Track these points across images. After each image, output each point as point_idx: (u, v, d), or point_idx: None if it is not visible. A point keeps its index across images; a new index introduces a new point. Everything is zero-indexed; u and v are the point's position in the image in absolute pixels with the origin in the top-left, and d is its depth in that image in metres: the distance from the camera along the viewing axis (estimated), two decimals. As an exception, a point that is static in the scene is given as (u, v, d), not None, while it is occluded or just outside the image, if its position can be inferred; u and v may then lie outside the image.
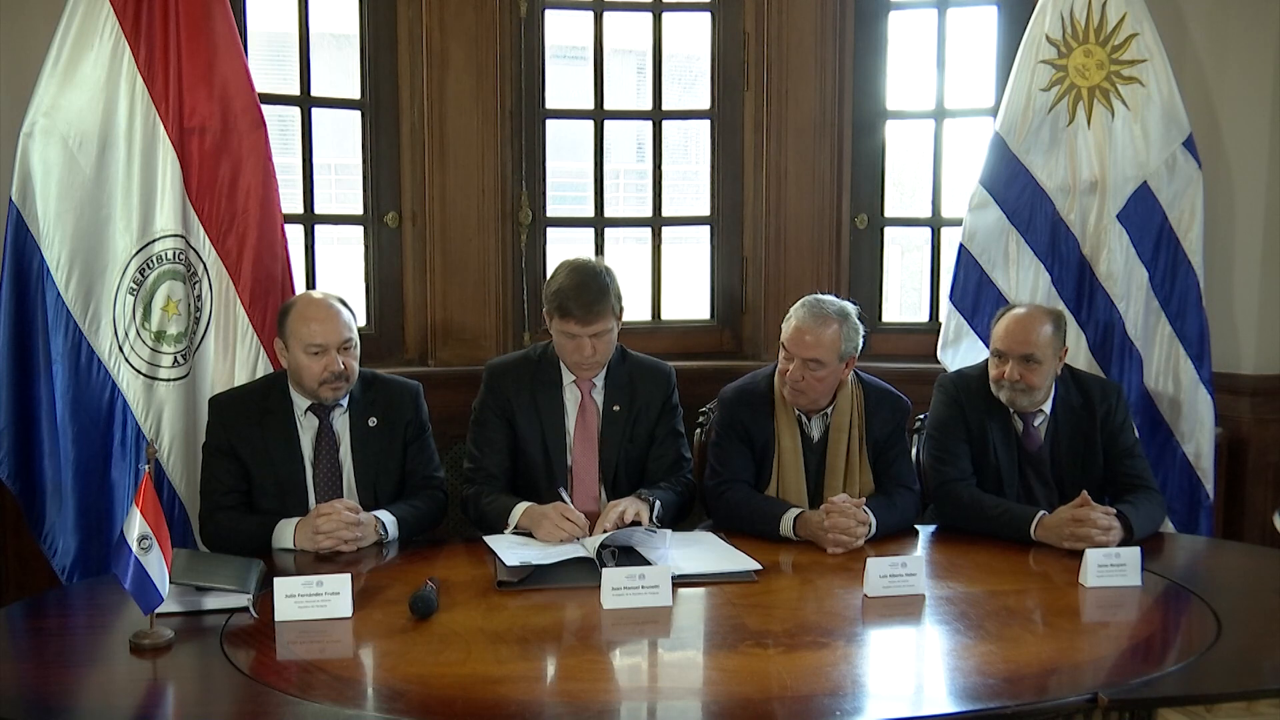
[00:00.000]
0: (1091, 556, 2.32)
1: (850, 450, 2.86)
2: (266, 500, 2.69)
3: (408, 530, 2.69)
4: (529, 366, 2.93)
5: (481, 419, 2.94)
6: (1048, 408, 2.93)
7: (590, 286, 2.78)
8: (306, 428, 2.74)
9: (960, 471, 2.88)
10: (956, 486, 2.85)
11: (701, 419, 3.22)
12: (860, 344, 2.85)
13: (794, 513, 2.70)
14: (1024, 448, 2.92)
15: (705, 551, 2.54)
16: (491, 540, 2.58)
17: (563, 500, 2.66)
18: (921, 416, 3.17)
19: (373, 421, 2.78)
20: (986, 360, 2.99)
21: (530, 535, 2.60)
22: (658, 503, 2.72)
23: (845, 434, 2.85)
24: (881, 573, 2.25)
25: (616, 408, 2.90)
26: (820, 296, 2.87)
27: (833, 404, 2.87)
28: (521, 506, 2.69)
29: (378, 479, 2.76)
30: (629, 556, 2.44)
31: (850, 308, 2.85)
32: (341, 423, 2.76)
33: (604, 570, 2.20)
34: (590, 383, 2.91)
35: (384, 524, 2.64)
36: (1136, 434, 3.03)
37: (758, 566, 2.42)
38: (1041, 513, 2.68)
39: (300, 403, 2.74)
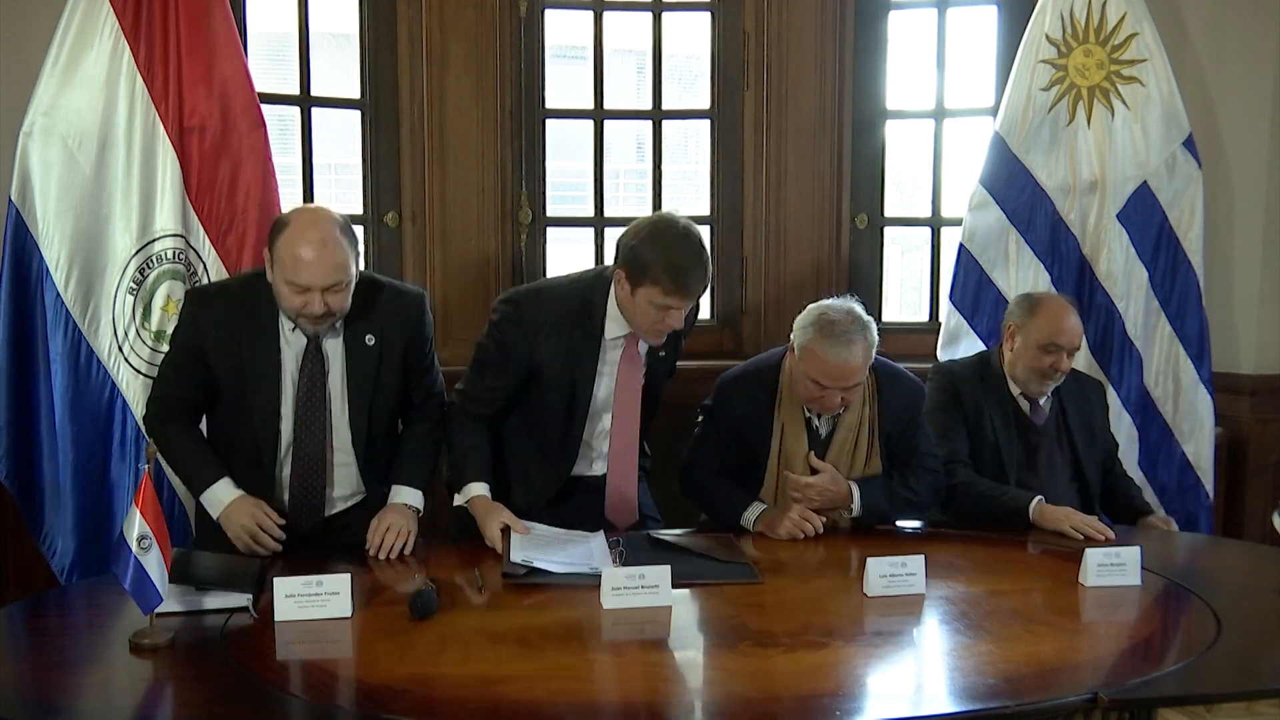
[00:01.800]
0: (1091, 556, 2.32)
1: (858, 444, 2.77)
2: (232, 421, 2.50)
3: (427, 478, 2.64)
4: (573, 311, 2.66)
5: (483, 361, 2.69)
6: (1049, 388, 3.02)
7: (701, 259, 2.52)
8: (291, 343, 2.48)
9: (955, 453, 2.92)
10: (953, 467, 2.89)
11: (699, 415, 3.18)
12: (876, 338, 2.68)
13: (758, 508, 2.70)
14: (1032, 425, 2.99)
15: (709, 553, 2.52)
16: (514, 538, 2.48)
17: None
18: None
19: (370, 339, 2.52)
20: (978, 354, 3.16)
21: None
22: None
23: (853, 431, 2.76)
24: (881, 573, 2.25)
25: (663, 354, 2.77)
26: (831, 315, 2.63)
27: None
28: (477, 489, 2.60)
29: (372, 405, 2.54)
30: (636, 555, 2.44)
31: (858, 309, 2.68)
32: (333, 344, 2.51)
33: (604, 570, 2.19)
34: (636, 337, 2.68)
35: (416, 509, 2.57)
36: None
37: (758, 580, 2.39)
38: (1039, 497, 2.76)
39: (286, 315, 2.47)
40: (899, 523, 2.82)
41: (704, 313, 3.97)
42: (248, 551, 2.40)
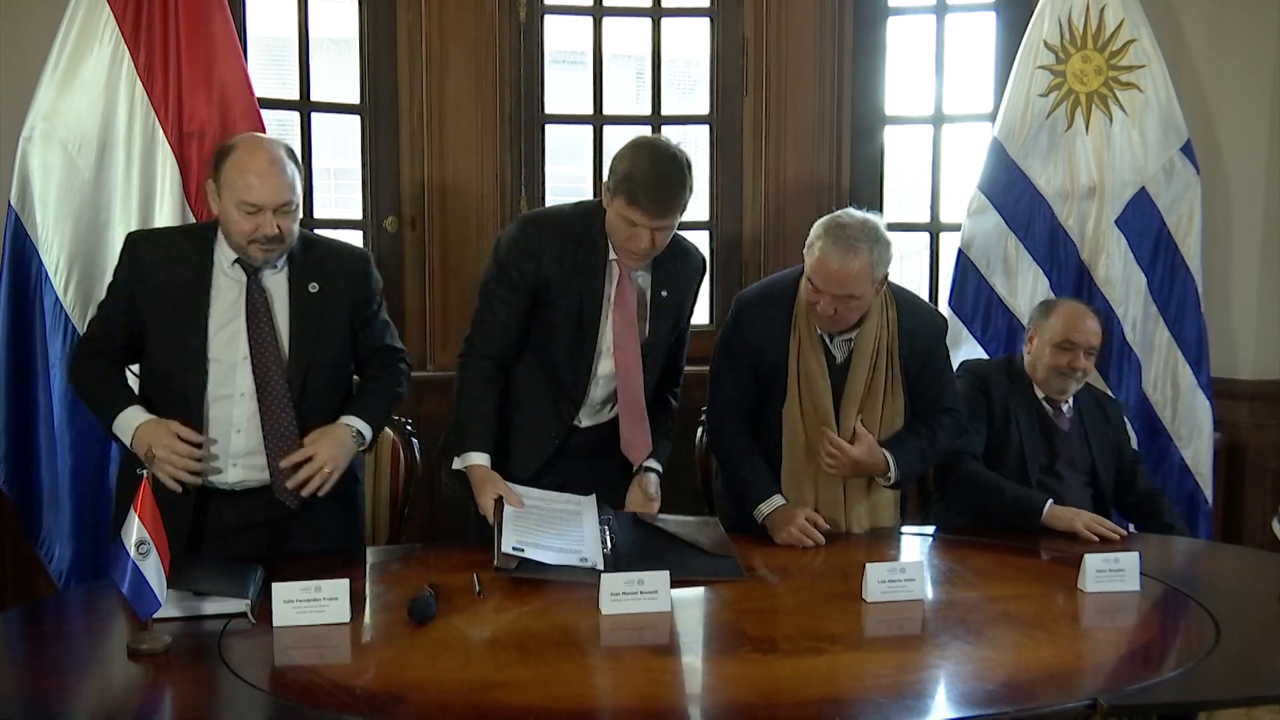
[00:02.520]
0: (1090, 562, 2.32)
1: (876, 374, 2.69)
2: (161, 359, 2.42)
3: (382, 420, 2.56)
4: (574, 228, 2.59)
5: (489, 290, 2.61)
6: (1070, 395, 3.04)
7: (672, 179, 2.45)
8: (233, 281, 2.42)
9: (970, 446, 2.91)
10: (965, 459, 2.89)
11: (704, 417, 3.17)
12: (891, 258, 2.63)
13: (774, 504, 2.65)
14: (1056, 429, 3.00)
15: (696, 544, 2.50)
16: (507, 514, 2.43)
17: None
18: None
19: (314, 287, 2.46)
20: (1004, 356, 3.24)
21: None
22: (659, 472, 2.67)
23: (869, 359, 2.67)
24: (880, 578, 2.24)
25: (665, 294, 2.64)
26: (844, 219, 2.60)
27: (859, 326, 2.69)
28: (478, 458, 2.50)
29: (315, 351, 2.46)
30: (624, 536, 2.44)
31: (876, 222, 2.61)
32: (276, 282, 2.45)
33: (603, 575, 2.19)
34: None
35: (359, 432, 2.46)
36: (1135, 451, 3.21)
37: (742, 577, 2.38)
38: (1051, 500, 2.77)
39: (227, 254, 2.42)
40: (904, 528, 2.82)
41: (704, 318, 3.99)
42: (167, 480, 2.29)
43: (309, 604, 2.07)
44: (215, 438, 2.41)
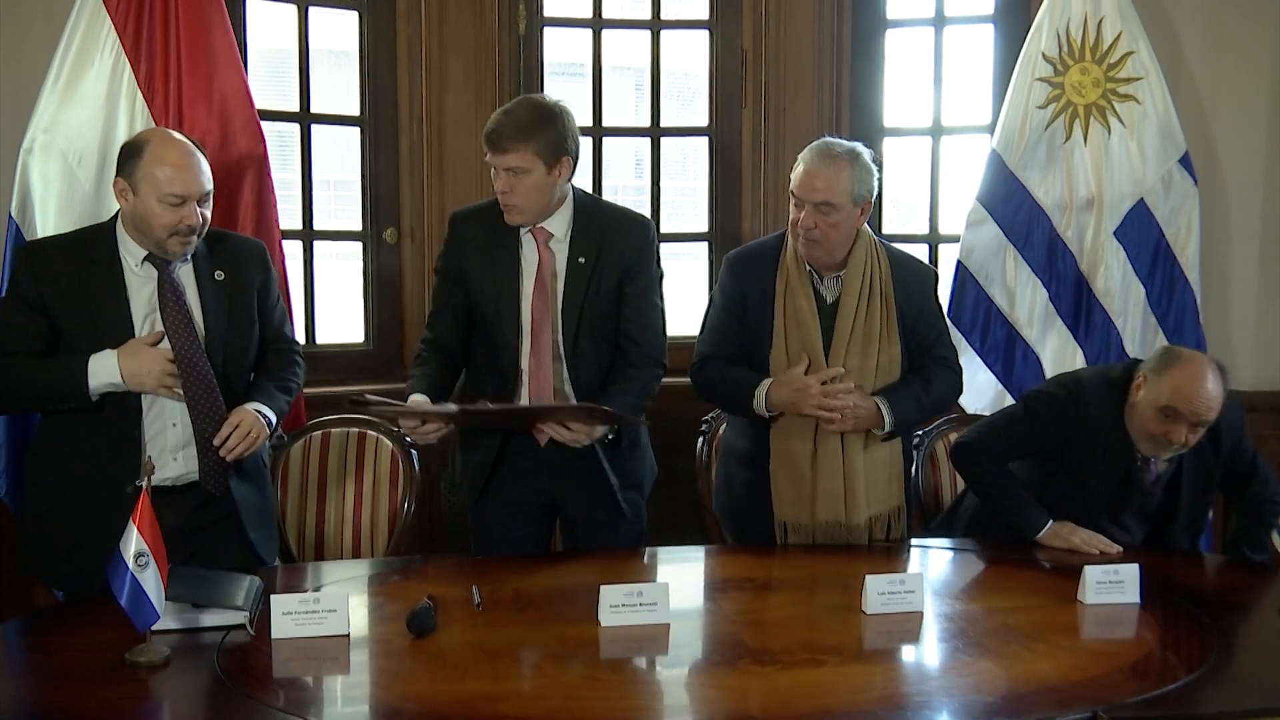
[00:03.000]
0: (1090, 573, 2.31)
1: (870, 314, 2.65)
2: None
3: (283, 412, 2.56)
4: (491, 212, 2.64)
5: (437, 279, 2.74)
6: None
7: (510, 113, 2.53)
8: (145, 279, 2.43)
9: (998, 453, 2.76)
10: (982, 468, 2.78)
11: (705, 426, 3.16)
12: (875, 189, 2.65)
13: (765, 384, 2.60)
14: (1137, 483, 2.73)
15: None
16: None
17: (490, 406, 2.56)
18: None
19: (220, 275, 2.50)
20: (1121, 372, 2.76)
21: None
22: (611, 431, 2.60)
23: (857, 297, 2.64)
24: (880, 590, 2.24)
25: (582, 260, 2.61)
26: (829, 139, 2.68)
27: (846, 265, 2.67)
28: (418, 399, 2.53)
29: (229, 336, 2.49)
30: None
31: (862, 148, 2.64)
32: (185, 273, 2.47)
33: (602, 588, 2.18)
34: (544, 231, 2.62)
35: (269, 419, 2.47)
36: (1254, 451, 2.85)
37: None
38: (1051, 522, 2.67)
39: (135, 252, 2.42)
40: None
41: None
42: (170, 395, 2.35)
43: (308, 616, 2.07)
44: (152, 435, 2.43)
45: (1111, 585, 2.31)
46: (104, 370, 2.32)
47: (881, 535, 2.74)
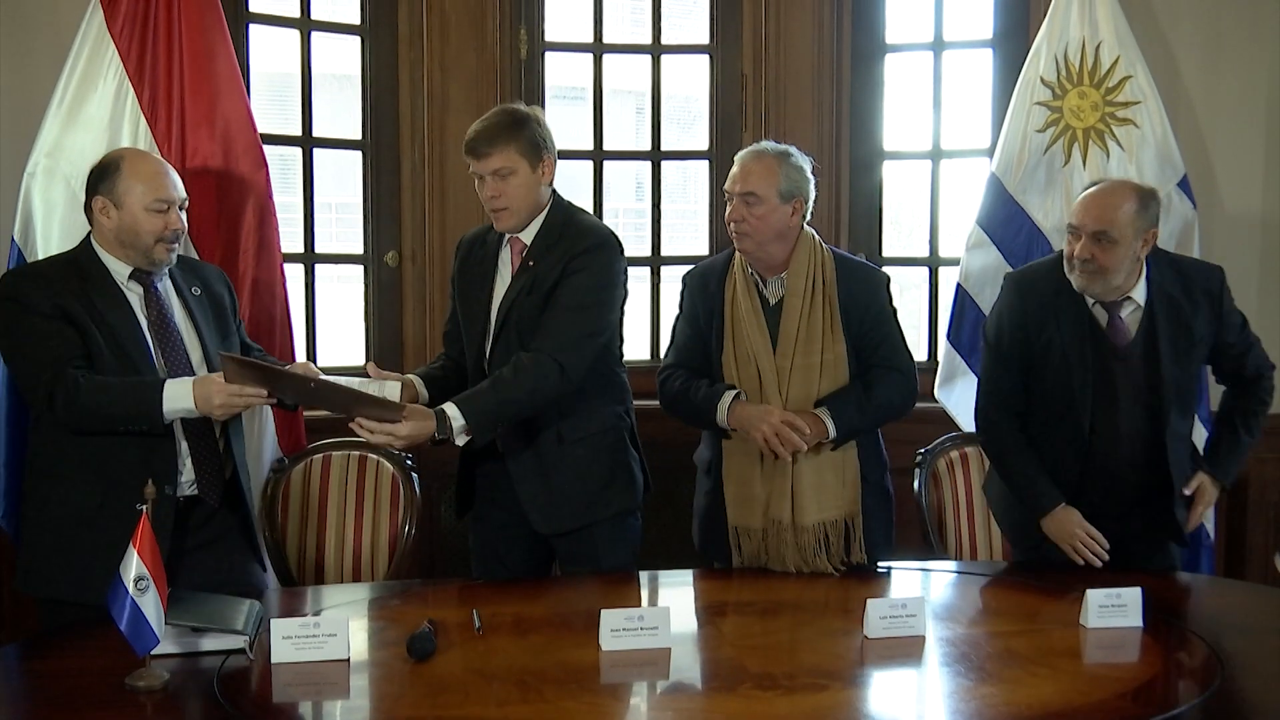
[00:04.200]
0: (1092, 597, 2.30)
1: (812, 312, 2.67)
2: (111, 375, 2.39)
3: None
4: (486, 232, 2.78)
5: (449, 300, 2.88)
6: (1140, 297, 2.64)
7: (493, 121, 2.61)
8: (134, 293, 2.46)
9: (999, 400, 2.75)
10: (998, 428, 2.77)
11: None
12: (810, 192, 2.71)
13: (728, 398, 2.63)
14: (1109, 343, 2.64)
15: None
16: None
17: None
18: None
19: (196, 290, 2.56)
20: (1057, 254, 2.75)
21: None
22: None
23: (801, 298, 2.67)
24: (881, 614, 2.23)
25: (531, 263, 2.65)
26: (769, 141, 2.79)
27: (788, 267, 2.71)
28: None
29: (221, 346, 2.53)
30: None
31: (795, 150, 2.72)
32: (166, 287, 2.52)
33: (603, 612, 2.17)
34: (519, 241, 2.68)
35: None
36: (1240, 315, 2.77)
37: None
38: (1060, 506, 2.66)
39: (120, 270, 2.45)
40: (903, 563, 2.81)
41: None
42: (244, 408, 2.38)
43: (308, 640, 2.06)
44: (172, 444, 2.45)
45: (1114, 609, 2.30)
46: (179, 395, 2.32)
47: (838, 540, 2.67)
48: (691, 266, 2.93)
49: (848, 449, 2.71)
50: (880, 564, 2.74)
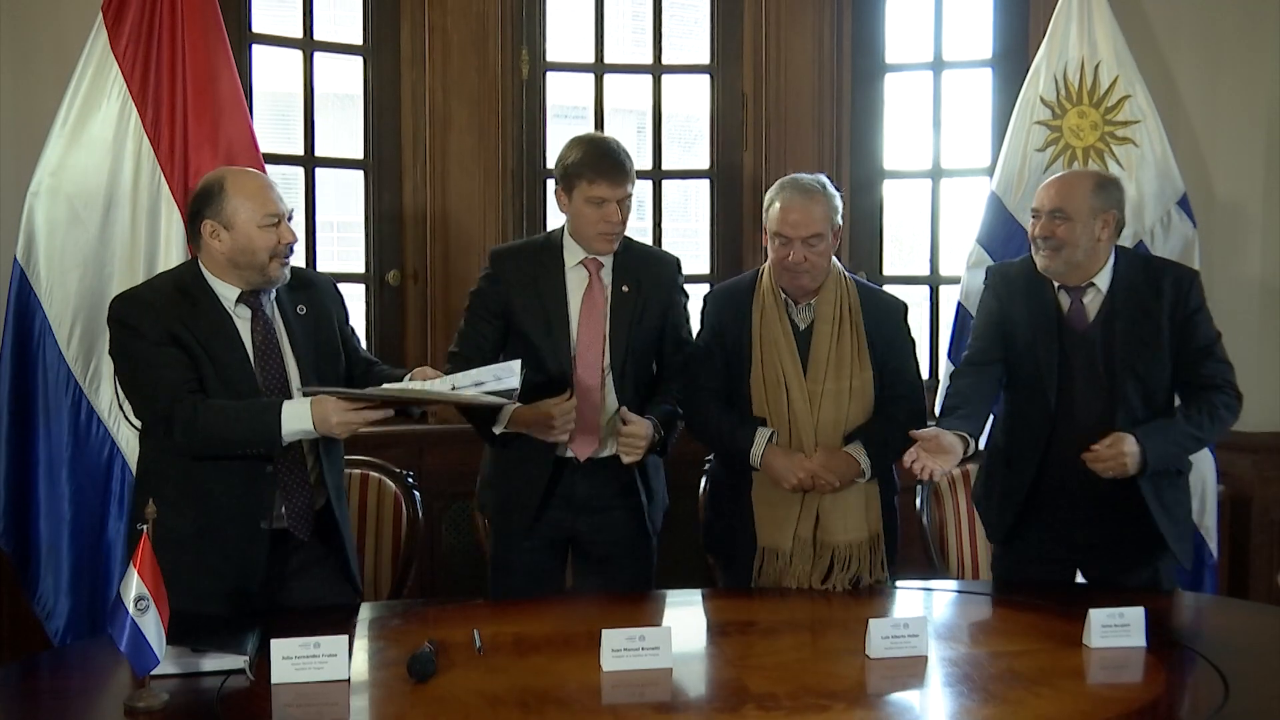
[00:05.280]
0: (1095, 617, 2.30)
1: (841, 338, 2.74)
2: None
3: None
4: (533, 249, 2.83)
5: (471, 313, 2.82)
6: (1103, 284, 2.71)
7: (617, 150, 2.72)
8: (244, 319, 2.44)
9: (959, 400, 2.75)
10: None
11: (707, 465, 3.17)
12: (841, 210, 2.79)
13: (761, 441, 2.68)
14: (1069, 327, 2.71)
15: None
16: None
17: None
18: None
19: (301, 309, 2.52)
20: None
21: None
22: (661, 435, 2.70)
23: (830, 323, 2.74)
24: (884, 634, 2.22)
25: (625, 288, 2.77)
26: (798, 176, 2.81)
27: (818, 293, 2.78)
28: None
29: (320, 365, 2.50)
30: None
31: (827, 180, 2.79)
32: (272, 310, 2.48)
33: (604, 632, 2.17)
34: (598, 262, 2.77)
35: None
36: (1214, 329, 2.75)
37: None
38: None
39: (229, 293, 2.43)
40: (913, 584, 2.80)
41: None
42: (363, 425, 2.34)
43: (308, 660, 2.05)
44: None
45: (1117, 629, 2.29)
46: (298, 416, 2.31)
47: (862, 561, 2.72)
48: (695, 282, 2.98)
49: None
50: (881, 583, 2.74)
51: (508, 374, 2.42)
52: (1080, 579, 2.84)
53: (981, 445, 2.82)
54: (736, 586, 2.82)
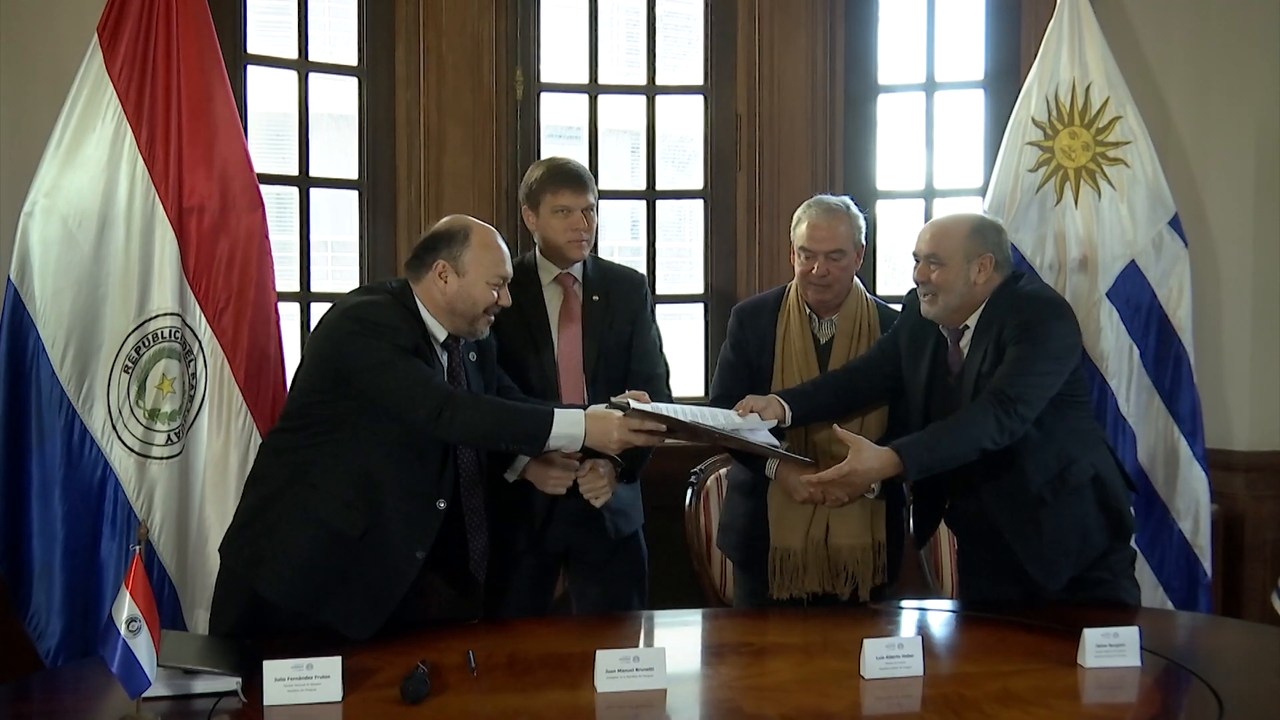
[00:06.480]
0: (1089, 636, 2.29)
1: (856, 354, 2.88)
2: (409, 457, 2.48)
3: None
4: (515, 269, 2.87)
5: None
6: (973, 322, 2.70)
7: (576, 164, 2.92)
8: (437, 361, 2.53)
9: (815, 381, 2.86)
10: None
11: (693, 478, 3.27)
12: (864, 230, 2.92)
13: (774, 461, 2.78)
14: (940, 363, 2.74)
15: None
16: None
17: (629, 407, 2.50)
18: None
19: (473, 356, 2.64)
20: None
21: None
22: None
23: (850, 339, 2.89)
24: (879, 654, 2.22)
25: (596, 298, 2.92)
26: (823, 196, 2.94)
27: (839, 309, 2.92)
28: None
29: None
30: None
31: (851, 201, 2.93)
32: (465, 358, 2.61)
33: (598, 653, 2.16)
34: (571, 276, 2.92)
35: None
36: (1032, 350, 2.58)
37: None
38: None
39: (438, 334, 2.53)
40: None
41: (699, 389, 3.99)
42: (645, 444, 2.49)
43: (300, 682, 2.04)
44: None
45: (1112, 648, 2.29)
46: (572, 422, 2.44)
47: (866, 566, 2.81)
48: (742, 301, 3.15)
49: None
50: (874, 603, 2.74)
51: (758, 425, 2.65)
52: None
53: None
54: (751, 588, 2.91)
